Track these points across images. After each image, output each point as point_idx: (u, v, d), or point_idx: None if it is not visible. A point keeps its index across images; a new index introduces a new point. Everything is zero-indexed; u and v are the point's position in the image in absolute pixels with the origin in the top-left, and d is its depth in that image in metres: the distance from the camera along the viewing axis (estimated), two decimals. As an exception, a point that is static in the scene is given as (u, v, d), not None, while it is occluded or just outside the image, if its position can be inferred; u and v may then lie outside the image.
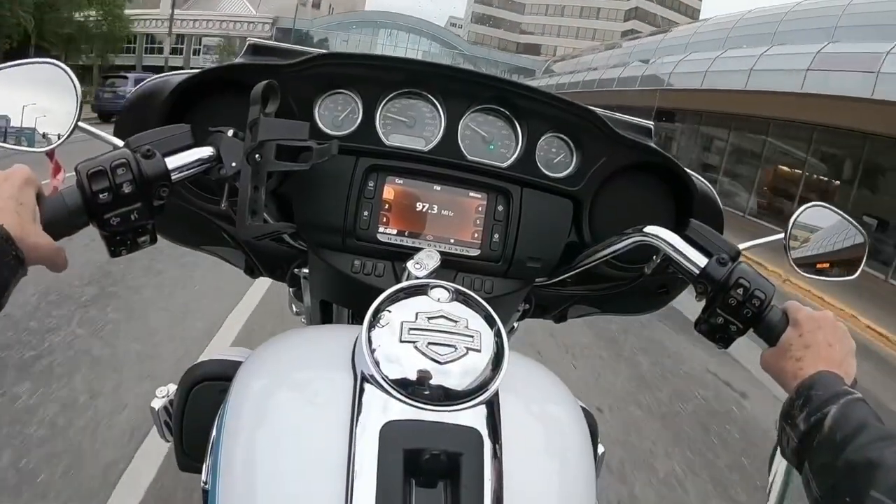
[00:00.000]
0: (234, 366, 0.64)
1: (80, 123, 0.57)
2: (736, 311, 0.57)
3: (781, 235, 0.72)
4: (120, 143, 0.56)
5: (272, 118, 0.59)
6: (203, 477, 0.56)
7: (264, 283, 2.81)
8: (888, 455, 0.43)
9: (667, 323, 3.78)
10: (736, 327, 0.58)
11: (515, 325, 0.91)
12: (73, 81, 0.57)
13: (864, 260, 0.76)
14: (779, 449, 0.52)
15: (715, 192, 0.84)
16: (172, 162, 0.54)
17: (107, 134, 0.60)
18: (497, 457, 0.44)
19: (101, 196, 0.49)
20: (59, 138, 0.57)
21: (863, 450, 0.44)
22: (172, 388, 0.73)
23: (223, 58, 31.36)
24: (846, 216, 0.76)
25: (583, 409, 0.61)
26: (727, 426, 2.71)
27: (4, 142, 0.56)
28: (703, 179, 0.82)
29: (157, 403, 0.73)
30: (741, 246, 0.64)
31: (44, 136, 0.56)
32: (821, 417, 0.47)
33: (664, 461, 2.28)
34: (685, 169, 0.78)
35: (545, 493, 0.48)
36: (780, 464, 0.54)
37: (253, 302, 3.08)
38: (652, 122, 0.84)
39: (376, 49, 41.39)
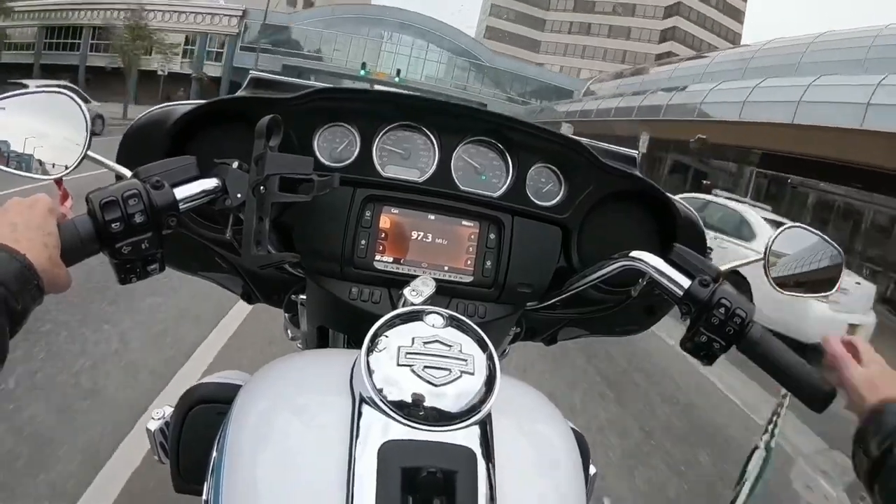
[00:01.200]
0: (231, 389, 0.69)
1: (89, 152, 0.61)
2: (718, 330, 0.65)
3: (761, 257, 0.79)
4: (127, 172, 0.60)
5: (278, 153, 0.64)
6: (204, 496, 0.60)
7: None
8: None
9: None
10: (719, 345, 0.65)
11: (507, 348, 0.97)
12: (82, 111, 0.62)
13: (840, 277, 0.83)
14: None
15: (698, 217, 0.92)
16: (180, 192, 0.59)
17: (113, 163, 0.65)
18: (490, 475, 0.49)
19: (113, 225, 0.54)
20: (67, 167, 0.61)
21: None
22: (169, 410, 0.77)
23: (127, 54, 25.05)
24: (823, 236, 0.83)
25: (574, 430, 0.66)
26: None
27: (16, 169, 0.60)
28: (686, 204, 0.90)
29: (153, 425, 0.77)
30: (722, 268, 0.71)
31: (53, 164, 0.61)
32: (891, 445, 0.54)
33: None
34: (668, 195, 0.86)
35: None
36: (751, 472, 0.61)
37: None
38: (636, 151, 0.92)
39: (381, 55, 36.76)
